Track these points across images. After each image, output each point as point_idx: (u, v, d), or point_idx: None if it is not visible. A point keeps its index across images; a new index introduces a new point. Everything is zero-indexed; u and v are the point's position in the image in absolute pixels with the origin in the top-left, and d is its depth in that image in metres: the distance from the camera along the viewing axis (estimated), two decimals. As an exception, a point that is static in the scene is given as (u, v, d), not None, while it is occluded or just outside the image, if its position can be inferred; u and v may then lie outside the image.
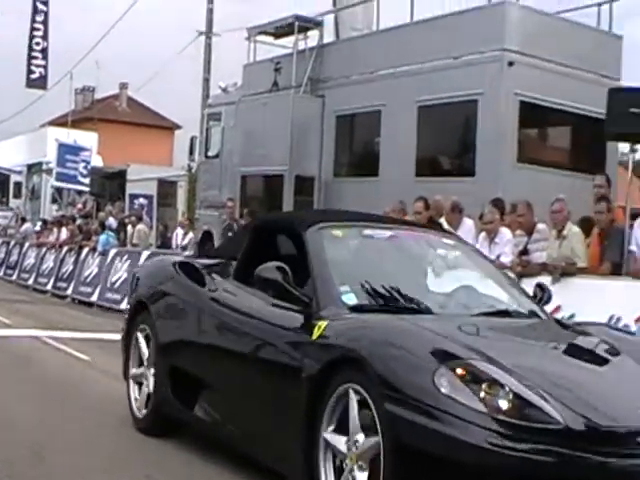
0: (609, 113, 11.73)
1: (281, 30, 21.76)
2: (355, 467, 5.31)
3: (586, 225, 12.26)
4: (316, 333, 5.86)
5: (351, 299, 6.28)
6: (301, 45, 21.04)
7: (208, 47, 31.69)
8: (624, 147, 14.31)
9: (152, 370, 8.00)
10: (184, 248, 22.57)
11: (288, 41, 21.69)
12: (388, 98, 17.95)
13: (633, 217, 11.62)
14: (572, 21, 17.67)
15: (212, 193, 23.67)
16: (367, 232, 7.33)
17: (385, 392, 5.10)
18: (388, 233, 7.39)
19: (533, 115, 16.40)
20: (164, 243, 24.32)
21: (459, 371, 5.00)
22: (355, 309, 6.16)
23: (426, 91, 17.02)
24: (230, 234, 17.90)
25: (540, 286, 7.46)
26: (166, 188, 31.21)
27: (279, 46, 22.46)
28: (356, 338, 5.59)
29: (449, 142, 17.50)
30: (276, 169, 20.06)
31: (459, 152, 17.25)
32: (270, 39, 22.73)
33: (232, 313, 7.11)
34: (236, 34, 25.80)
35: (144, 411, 8.12)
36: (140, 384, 8.25)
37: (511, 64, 15.78)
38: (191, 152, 26.69)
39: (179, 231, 23.66)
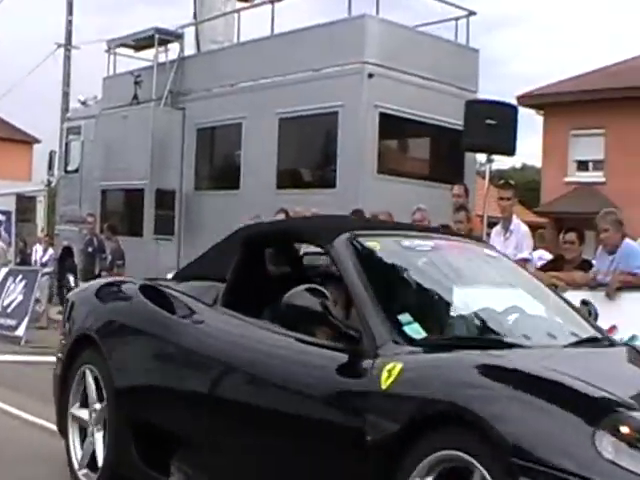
0: (466, 124, 11.92)
1: (141, 42, 21.55)
2: None
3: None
4: (386, 380, 4.38)
5: (417, 331, 4.83)
6: (162, 58, 20.93)
7: (67, 60, 31.19)
8: (482, 157, 14.56)
9: (100, 425, 6.39)
10: (44, 264, 22.15)
11: (148, 54, 21.54)
12: (249, 111, 17.92)
13: (490, 225, 11.80)
14: (431, 35, 17.90)
15: (72, 208, 23.27)
16: (406, 243, 5.76)
17: (516, 462, 3.75)
18: (429, 243, 5.90)
19: (393, 127, 16.54)
20: (23, 259, 23.83)
21: (624, 429, 3.76)
22: (423, 344, 4.72)
23: (287, 103, 17.04)
24: (90, 249, 17.62)
25: (585, 302, 6.53)
26: (25, 203, 30.59)
27: (139, 59, 22.25)
28: (454, 387, 4.16)
29: (310, 154, 17.57)
30: (136, 183, 19.86)
31: (320, 164, 17.30)
32: (130, 52, 22.49)
33: (233, 352, 5.45)
34: (96, 46, 25.43)
35: (86, 471, 6.46)
36: (84, 432, 6.64)
37: (371, 76, 15.90)
38: (50, 166, 26.17)
39: (38, 247, 23.20)
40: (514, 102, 19.73)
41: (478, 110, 11.95)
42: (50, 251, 22.84)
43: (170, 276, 15.27)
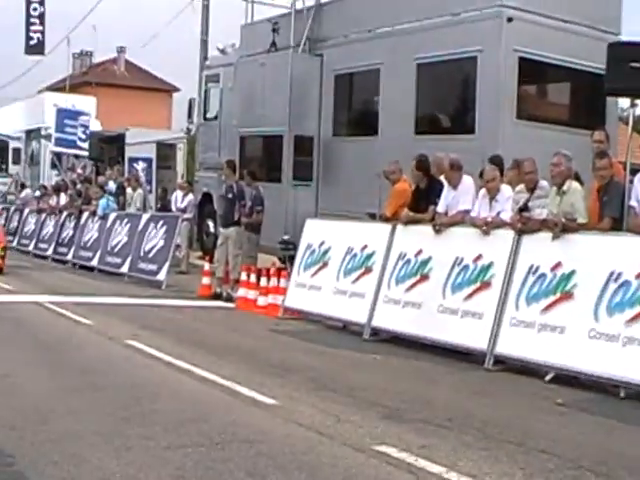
0: (609, 68, 11.62)
1: (279, -10, 21.60)
2: None
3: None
4: None
5: None
6: (299, 4, 20.86)
7: (205, 8, 31.35)
8: (625, 102, 14.23)
9: None
10: (183, 210, 22.56)
11: (286, 1, 21.50)
12: (387, 56, 17.83)
13: (633, 172, 11.54)
14: (572, -24, 17.44)
15: (211, 155, 23.63)
16: None
17: None
18: None
19: (532, 71, 16.23)
20: (164, 206, 24.26)
21: None
22: None
23: (425, 49, 16.91)
24: (230, 196, 17.83)
25: None
26: (165, 151, 31.05)
27: (277, 6, 22.29)
28: None
29: (448, 99, 17.39)
30: (275, 129, 19.97)
31: (459, 109, 17.13)
32: (267, -1, 22.58)
33: None
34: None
35: None
36: None
37: (510, 20, 15.61)
38: (189, 114, 26.63)
39: (178, 193, 23.60)
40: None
41: (621, 53, 11.62)
42: (189, 197, 23.20)
43: (310, 222, 15.48)
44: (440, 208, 12.70)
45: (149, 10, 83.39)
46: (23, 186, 37.72)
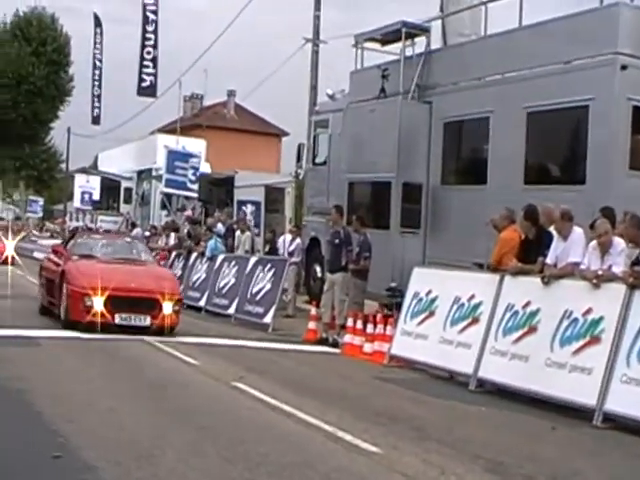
0: None
1: (388, 37, 21.68)
2: None
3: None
4: None
5: None
6: (408, 51, 20.97)
7: (315, 54, 31.67)
8: None
9: None
10: (291, 254, 22.69)
11: (395, 48, 21.62)
12: (496, 104, 17.77)
13: None
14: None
15: (319, 200, 23.76)
16: None
17: None
18: None
19: (646, 120, 15.99)
20: (272, 249, 24.43)
21: None
22: None
23: (535, 97, 16.79)
24: (337, 241, 17.88)
25: None
26: (273, 194, 31.29)
27: (386, 53, 22.40)
28: None
29: (559, 149, 17.21)
30: (384, 176, 19.99)
31: (569, 159, 16.94)
32: (377, 46, 22.66)
33: None
34: (343, 41, 25.80)
35: None
36: None
37: (624, 68, 15.40)
38: (298, 159, 26.88)
39: (286, 237, 23.78)
40: None
41: None
42: (297, 241, 23.34)
43: (417, 270, 15.41)
44: (549, 259, 12.53)
45: (259, 54, 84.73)
46: (134, 225, 38.53)
